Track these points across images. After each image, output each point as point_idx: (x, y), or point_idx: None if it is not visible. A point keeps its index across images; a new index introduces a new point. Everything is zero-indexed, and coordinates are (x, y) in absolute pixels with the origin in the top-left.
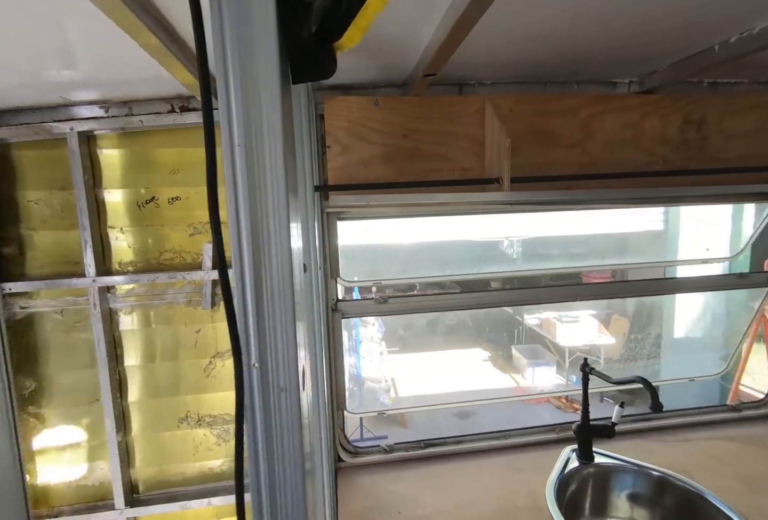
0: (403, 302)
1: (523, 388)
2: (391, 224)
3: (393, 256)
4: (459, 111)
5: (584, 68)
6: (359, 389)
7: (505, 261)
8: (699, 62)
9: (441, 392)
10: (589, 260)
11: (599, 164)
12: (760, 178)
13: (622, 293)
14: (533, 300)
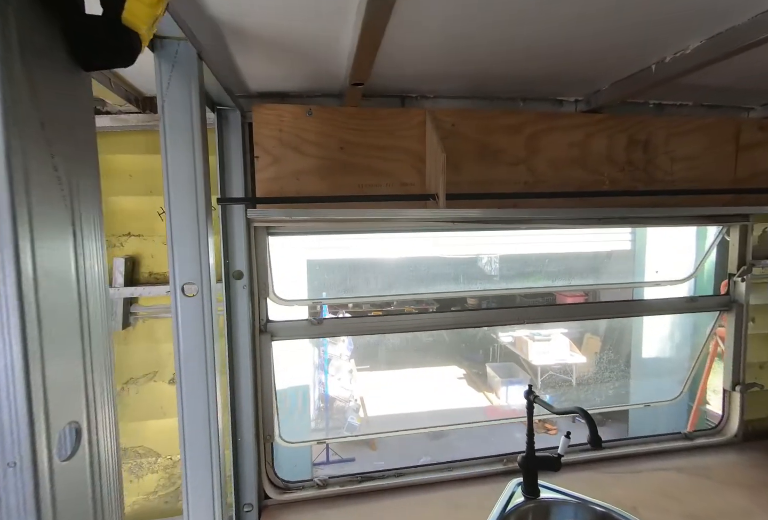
0: (342, 324)
1: (496, 407)
2: (369, 239)
3: (368, 271)
4: (399, 124)
5: (529, 85)
6: (326, 408)
7: (483, 278)
8: (638, 82)
9: (412, 412)
10: (561, 279)
11: (545, 183)
12: (705, 201)
13: (582, 315)
14: (490, 322)
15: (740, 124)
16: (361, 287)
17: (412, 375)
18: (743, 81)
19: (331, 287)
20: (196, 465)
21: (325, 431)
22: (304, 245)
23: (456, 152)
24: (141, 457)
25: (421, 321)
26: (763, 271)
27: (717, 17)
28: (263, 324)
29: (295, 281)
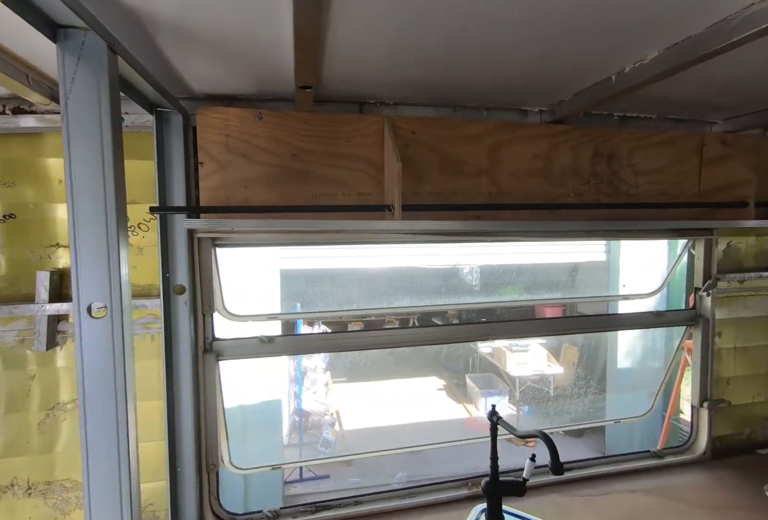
0: (299, 342)
1: (475, 419)
2: (348, 249)
3: (345, 281)
4: (355, 131)
5: (493, 94)
6: (300, 424)
7: (463, 288)
8: (600, 92)
9: (390, 425)
10: (538, 290)
11: (509, 194)
12: (670, 214)
13: (554, 330)
14: (465, 337)
15: (704, 138)
16: (337, 296)
17: (391, 387)
18: (705, 95)
19: (306, 298)
20: (103, 503)
21: (299, 446)
22: (276, 255)
23: (417, 162)
24: (68, 491)
25: (392, 338)
26: (728, 285)
27: (674, 27)
28: (208, 343)
29: (265, 293)
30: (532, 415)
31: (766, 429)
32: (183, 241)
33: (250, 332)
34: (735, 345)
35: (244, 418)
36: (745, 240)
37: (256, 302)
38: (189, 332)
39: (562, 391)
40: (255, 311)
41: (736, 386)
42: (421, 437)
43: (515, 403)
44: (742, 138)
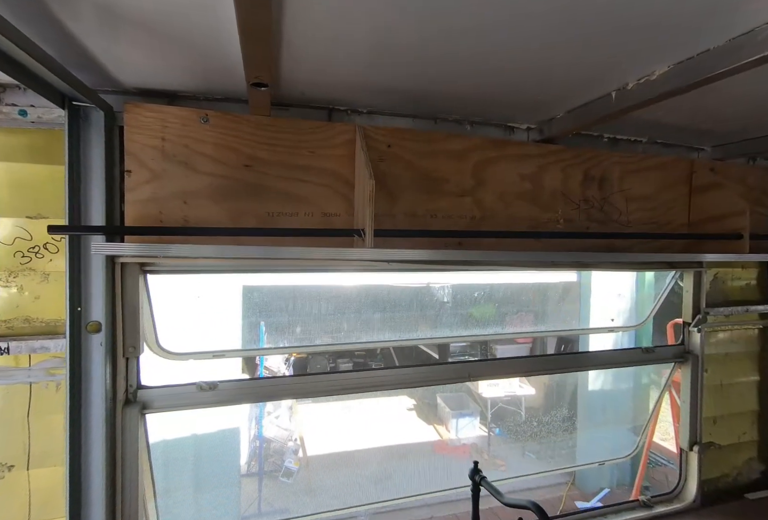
0: (246, 388)
1: (445, 442)
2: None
3: (312, 302)
4: (322, 140)
5: (478, 107)
6: (260, 454)
7: (436, 307)
8: (597, 110)
9: (358, 449)
10: (511, 307)
11: (493, 219)
12: (660, 246)
13: (534, 370)
14: (435, 379)
15: (693, 164)
16: (305, 320)
17: (360, 406)
18: (695, 121)
19: (271, 324)
20: None
21: (258, 476)
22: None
23: (392, 178)
24: None
25: (365, 380)
26: (714, 319)
27: (690, 38)
28: (131, 392)
29: (222, 318)
30: (503, 437)
31: (752, 470)
32: (100, 266)
33: (205, 372)
34: (722, 382)
35: (197, 454)
36: (731, 272)
37: (211, 331)
38: (103, 380)
39: (533, 412)
40: (199, 347)
41: (722, 425)
42: (390, 462)
43: (486, 424)
44: (730, 166)
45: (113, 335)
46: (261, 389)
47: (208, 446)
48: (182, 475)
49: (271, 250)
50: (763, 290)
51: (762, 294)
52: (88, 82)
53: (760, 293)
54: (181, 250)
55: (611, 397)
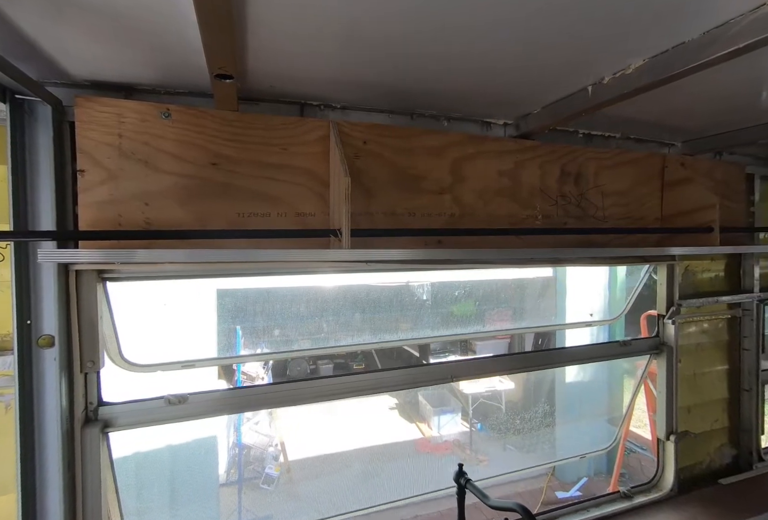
0: (219, 400)
1: (427, 440)
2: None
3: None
4: (294, 137)
5: (455, 103)
6: (239, 462)
7: (417, 305)
8: (573, 105)
9: (340, 451)
10: (489, 304)
11: (473, 216)
12: (636, 240)
13: (515, 368)
14: (417, 382)
15: (665, 159)
16: (283, 323)
17: (341, 408)
18: (666, 117)
19: (248, 329)
20: None
21: (237, 485)
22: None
23: (369, 176)
24: None
25: (347, 385)
26: (687, 310)
27: (665, 30)
28: (91, 410)
29: (196, 323)
30: (486, 431)
31: (724, 456)
32: (52, 275)
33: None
34: (694, 372)
35: (172, 466)
36: (701, 264)
37: (183, 339)
38: (58, 399)
39: (513, 405)
40: (168, 358)
41: (696, 414)
42: (373, 462)
43: (468, 420)
44: (699, 161)
45: (69, 350)
46: (236, 400)
47: (184, 457)
48: (155, 491)
49: (243, 253)
50: (731, 281)
51: (730, 285)
52: (33, 74)
53: (728, 284)
54: (146, 255)
55: (588, 388)
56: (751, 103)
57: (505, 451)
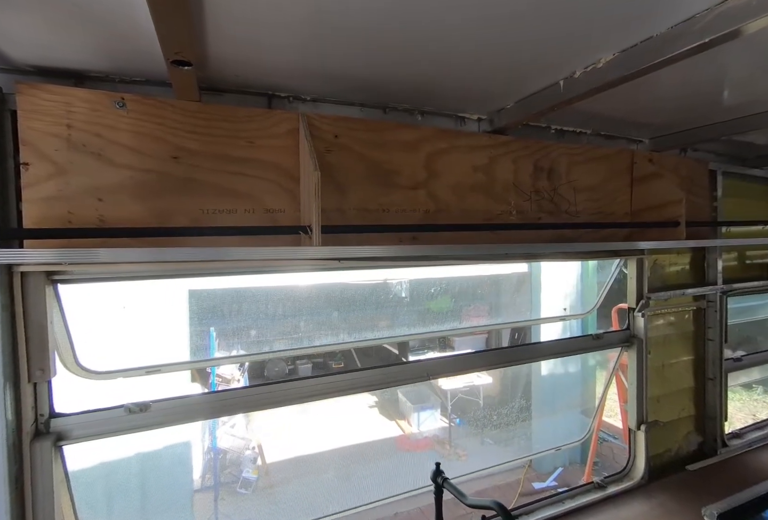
0: (187, 406)
1: (407, 437)
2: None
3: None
4: (261, 130)
5: (429, 97)
6: (215, 466)
7: (395, 302)
8: (545, 100)
9: (320, 451)
10: (465, 300)
11: (448, 212)
12: (606, 234)
13: (492, 364)
14: (393, 381)
15: (634, 155)
16: (260, 323)
17: (320, 407)
18: (634, 113)
19: (223, 330)
20: None
21: (214, 490)
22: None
23: (341, 171)
24: None
25: (320, 387)
26: (655, 303)
27: (635, 25)
28: (42, 422)
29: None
30: (464, 426)
31: (690, 443)
32: None
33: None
34: (663, 363)
35: (141, 475)
36: (668, 258)
37: (153, 343)
38: (2, 412)
39: (491, 400)
40: (132, 363)
41: (665, 403)
42: (353, 461)
43: (447, 415)
44: (665, 157)
45: (14, 358)
46: (205, 406)
47: (155, 465)
48: (123, 503)
49: (207, 252)
50: (696, 274)
51: (694, 278)
52: None
53: (693, 277)
54: (106, 255)
55: (563, 380)
56: (714, 101)
57: (483, 445)
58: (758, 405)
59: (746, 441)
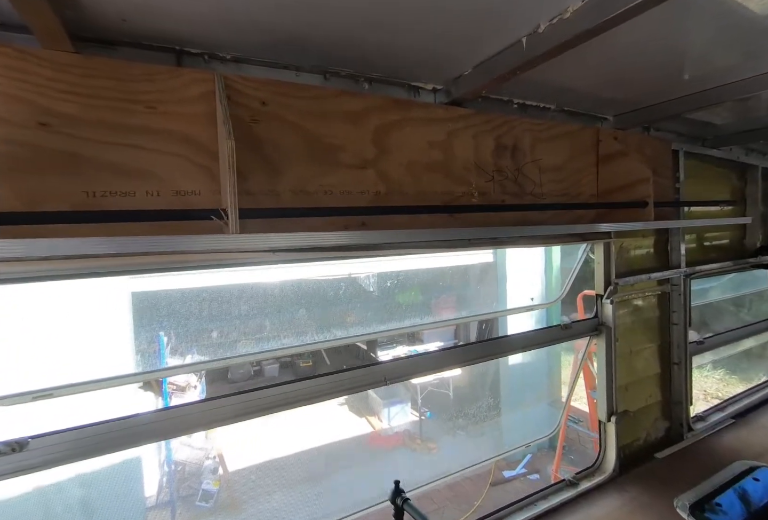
0: (93, 437)
1: (378, 433)
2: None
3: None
4: (166, 92)
5: (377, 59)
6: (170, 479)
7: (364, 296)
8: (506, 62)
9: (287, 454)
10: (434, 292)
11: (402, 194)
12: (572, 216)
13: (457, 362)
14: (338, 390)
15: (599, 132)
16: (220, 325)
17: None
18: (599, 86)
19: (176, 334)
20: None
21: (170, 506)
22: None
23: (271, 145)
24: None
25: (267, 400)
26: (622, 288)
27: None
28: None
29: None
30: (435, 419)
31: (658, 429)
32: None
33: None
34: (631, 349)
35: (83, 500)
36: (634, 241)
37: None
38: None
39: (461, 391)
40: (27, 386)
41: (633, 391)
42: (323, 464)
43: (417, 409)
44: (630, 136)
45: None
46: (126, 432)
47: (99, 486)
48: None
49: (87, 243)
50: (660, 257)
51: (658, 261)
52: None
53: (656, 260)
54: None
55: (530, 368)
56: (674, 73)
57: (454, 436)
58: (708, 381)
59: (710, 424)
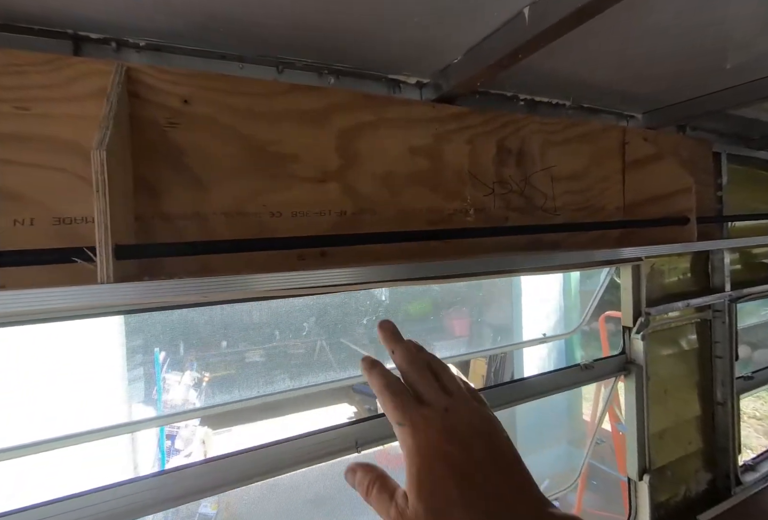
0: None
1: (387, 451)
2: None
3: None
4: (48, 88)
5: (345, 45)
6: None
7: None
8: (505, 42)
9: (292, 473)
10: (445, 304)
11: (375, 214)
12: (593, 237)
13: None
14: (300, 460)
15: (626, 133)
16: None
17: (294, 422)
18: (622, 81)
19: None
20: None
21: None
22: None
23: (195, 155)
24: None
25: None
26: (654, 319)
27: None
28: None
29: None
30: None
31: (700, 483)
32: None
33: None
34: (666, 389)
35: None
36: (669, 261)
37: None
38: None
39: None
40: None
41: (669, 439)
42: (329, 483)
43: None
44: (663, 136)
45: None
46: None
47: None
48: None
49: None
50: (699, 278)
51: (698, 284)
52: None
53: (695, 283)
54: None
55: (548, 406)
56: (719, 59)
57: None
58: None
59: (763, 474)
